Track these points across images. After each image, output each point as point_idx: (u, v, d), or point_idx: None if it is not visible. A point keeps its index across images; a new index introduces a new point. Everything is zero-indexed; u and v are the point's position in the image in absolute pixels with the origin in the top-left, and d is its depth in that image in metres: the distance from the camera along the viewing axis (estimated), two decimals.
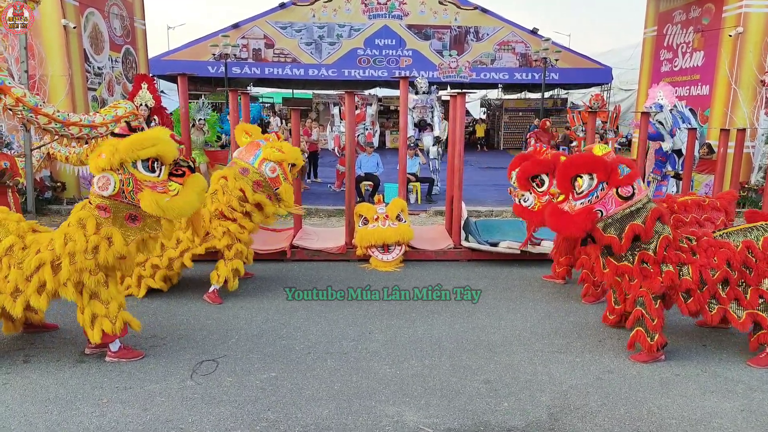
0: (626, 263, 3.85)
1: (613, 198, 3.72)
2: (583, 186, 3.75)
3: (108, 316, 3.64)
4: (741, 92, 10.42)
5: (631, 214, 3.71)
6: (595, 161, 3.78)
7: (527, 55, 19.26)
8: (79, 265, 3.50)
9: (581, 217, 3.74)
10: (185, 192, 3.59)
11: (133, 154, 3.41)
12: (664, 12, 12.89)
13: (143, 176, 3.47)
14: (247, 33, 18.84)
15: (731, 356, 4.10)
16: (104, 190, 3.45)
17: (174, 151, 3.57)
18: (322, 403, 3.37)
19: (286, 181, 5.12)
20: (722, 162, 7.47)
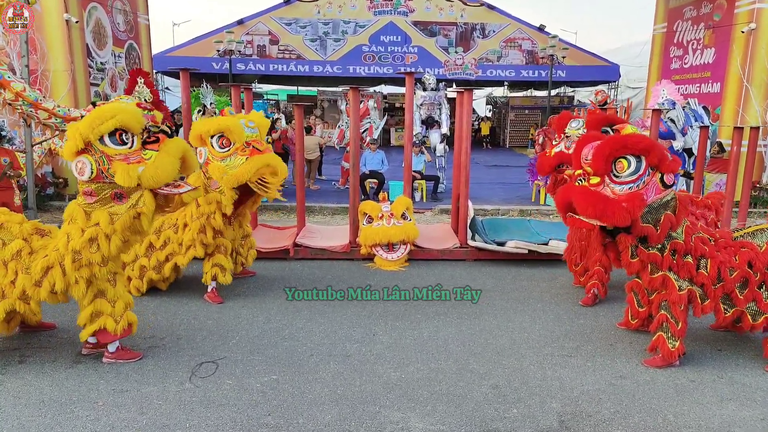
0: (656, 252, 3.62)
1: (655, 185, 3.43)
2: (628, 169, 3.37)
3: (113, 315, 3.57)
4: (753, 90, 10.23)
5: (666, 204, 3.52)
6: (646, 142, 3.37)
7: (534, 53, 19.07)
8: (85, 260, 3.41)
9: (633, 203, 3.31)
10: (160, 157, 3.40)
11: (95, 131, 3.26)
12: (674, 8, 12.68)
13: (113, 150, 3.33)
14: (251, 29, 18.73)
15: (748, 362, 3.95)
16: (82, 174, 3.35)
17: (138, 118, 3.41)
18: (324, 408, 3.25)
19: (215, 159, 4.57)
20: (735, 161, 7.30)
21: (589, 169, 3.43)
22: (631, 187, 3.40)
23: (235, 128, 4.53)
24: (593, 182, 3.43)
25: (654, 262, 3.64)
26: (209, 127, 4.59)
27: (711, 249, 3.68)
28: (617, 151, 3.37)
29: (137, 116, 3.41)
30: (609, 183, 3.43)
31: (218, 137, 4.57)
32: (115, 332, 3.59)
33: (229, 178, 4.52)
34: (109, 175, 3.35)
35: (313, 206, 9.25)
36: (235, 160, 4.53)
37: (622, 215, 3.32)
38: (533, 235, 6.72)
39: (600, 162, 3.38)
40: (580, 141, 3.66)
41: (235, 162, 4.53)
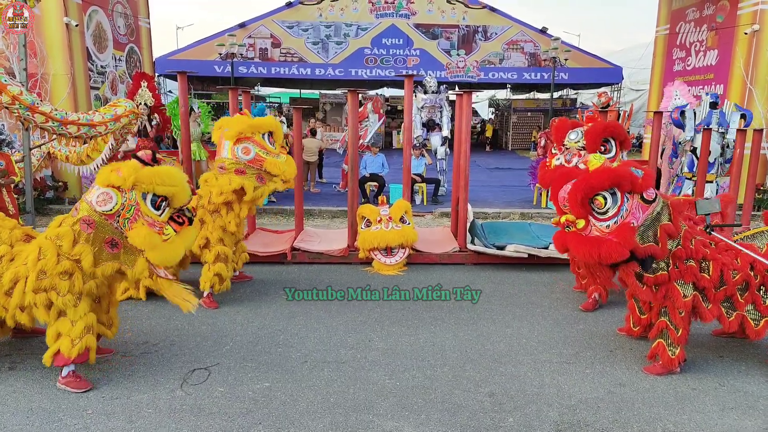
0: (663, 272, 3.58)
1: (639, 205, 3.45)
2: (606, 204, 3.39)
3: (70, 336, 3.31)
4: (756, 91, 10.12)
5: (658, 216, 3.49)
6: (613, 174, 3.40)
7: (536, 55, 18.99)
8: (48, 284, 3.24)
9: (623, 236, 3.35)
10: (175, 241, 3.41)
11: (149, 186, 3.28)
12: (676, 10, 12.59)
13: (147, 210, 3.32)
14: (253, 32, 18.73)
15: (751, 369, 3.87)
16: (101, 205, 3.26)
17: (185, 199, 3.47)
18: (316, 417, 3.19)
19: (270, 155, 4.87)
20: (738, 163, 7.22)
21: (572, 217, 3.44)
22: (616, 220, 3.42)
23: (280, 128, 5.08)
24: (580, 226, 3.48)
25: (660, 282, 3.60)
26: (265, 125, 4.93)
27: (712, 251, 3.62)
28: (588, 193, 3.41)
29: (186, 197, 3.47)
30: (594, 222, 3.46)
31: (269, 135, 4.94)
32: (69, 355, 3.31)
33: (290, 172, 5.00)
34: (123, 223, 3.28)
35: (313, 209, 9.20)
36: (281, 157, 4.98)
37: (619, 251, 3.36)
38: (534, 239, 6.65)
39: (576, 208, 3.45)
40: (555, 182, 3.68)
41: (282, 159, 4.98)
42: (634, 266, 3.50)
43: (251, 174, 4.82)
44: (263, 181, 4.88)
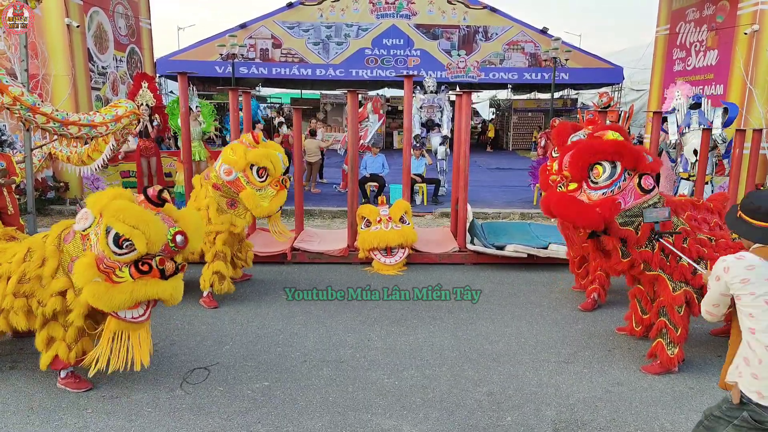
0: (648, 250, 3.59)
1: (633, 190, 3.45)
2: (603, 174, 3.40)
3: (66, 340, 3.29)
4: (756, 92, 10.12)
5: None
6: (621, 147, 3.39)
7: (537, 55, 18.99)
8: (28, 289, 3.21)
9: (606, 207, 3.35)
10: (123, 288, 3.02)
11: (111, 220, 2.98)
12: (677, 10, 12.60)
13: (104, 245, 3.00)
14: (254, 33, 18.76)
15: None
16: (79, 223, 3.15)
17: (151, 246, 3.03)
18: (315, 416, 3.21)
19: (250, 185, 4.73)
20: (737, 163, 7.23)
21: (567, 174, 3.45)
22: (605, 192, 3.43)
23: (278, 164, 4.84)
24: (571, 188, 3.51)
25: (646, 259, 3.60)
26: (259, 160, 4.73)
27: (710, 251, 3.63)
28: (591, 158, 3.42)
29: (153, 243, 3.02)
30: (586, 189, 3.47)
31: (258, 168, 4.76)
32: (68, 360, 3.31)
33: (261, 210, 4.84)
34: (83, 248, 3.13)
35: (313, 209, 9.22)
36: (267, 191, 4.84)
37: (595, 219, 3.38)
38: (533, 239, 6.66)
39: (576, 169, 3.45)
40: (567, 146, 3.68)
41: (267, 193, 4.85)
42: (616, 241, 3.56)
43: (224, 194, 4.84)
44: (234, 207, 4.86)
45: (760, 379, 2.16)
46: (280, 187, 4.93)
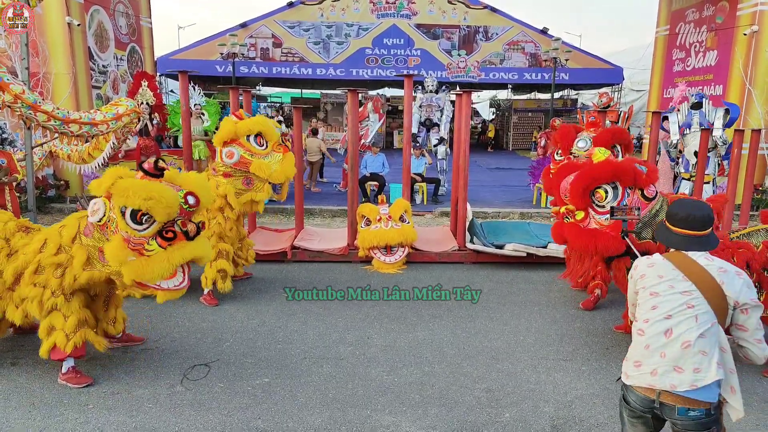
0: None
1: (639, 202, 3.51)
2: (607, 197, 3.43)
3: (65, 330, 3.33)
4: (755, 92, 10.15)
5: (656, 214, 3.54)
6: (616, 168, 3.44)
7: (537, 55, 19.02)
8: (42, 279, 3.27)
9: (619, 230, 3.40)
10: (159, 258, 3.08)
11: (122, 199, 3.03)
12: (676, 10, 12.62)
13: (124, 225, 3.06)
14: (254, 32, 18.79)
15: (744, 366, 3.87)
16: (93, 216, 3.20)
17: (169, 212, 3.09)
18: (315, 412, 3.23)
19: (257, 157, 4.79)
20: (736, 163, 7.25)
21: (572, 207, 3.47)
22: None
23: (270, 127, 4.90)
24: (579, 217, 3.51)
25: None
26: (250, 127, 4.82)
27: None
28: (590, 186, 3.44)
29: (169, 207, 3.08)
30: (594, 215, 3.48)
31: (255, 136, 4.84)
32: (65, 350, 3.33)
33: (278, 174, 4.86)
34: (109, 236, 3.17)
35: (313, 208, 9.24)
36: (274, 156, 4.89)
37: (615, 244, 3.40)
38: (532, 238, 6.69)
39: (577, 199, 3.48)
40: (557, 173, 3.70)
41: (275, 158, 4.89)
42: (627, 261, 3.54)
43: (238, 177, 4.87)
44: (251, 185, 4.87)
45: (627, 359, 2.30)
46: (284, 149, 4.96)
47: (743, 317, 2.19)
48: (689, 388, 2.10)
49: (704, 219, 2.28)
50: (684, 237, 2.27)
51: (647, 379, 2.18)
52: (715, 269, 2.20)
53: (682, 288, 2.18)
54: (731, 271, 2.21)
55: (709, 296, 2.15)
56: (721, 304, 2.15)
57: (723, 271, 2.20)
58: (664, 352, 2.15)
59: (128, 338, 4.04)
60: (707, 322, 2.13)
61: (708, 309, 2.15)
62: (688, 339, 2.11)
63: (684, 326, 2.13)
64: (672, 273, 2.22)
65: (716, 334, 2.15)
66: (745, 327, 2.20)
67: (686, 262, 2.23)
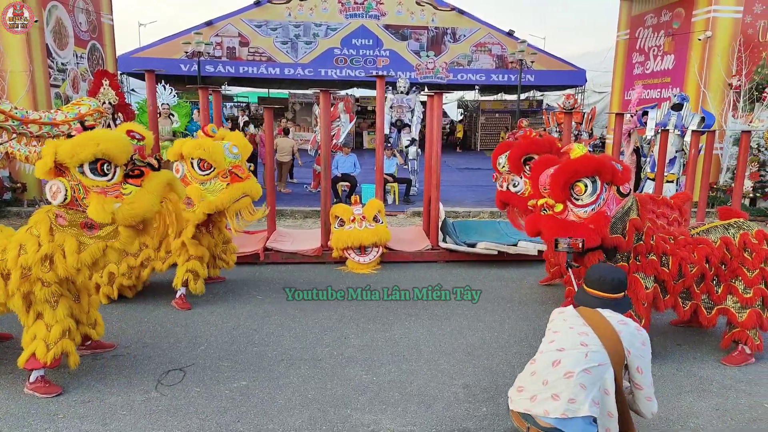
0: (623, 263, 3.76)
1: (614, 197, 3.59)
2: (586, 191, 3.48)
3: (46, 340, 3.24)
4: (710, 95, 10.62)
5: (628, 210, 3.66)
6: (597, 163, 3.49)
7: (503, 57, 19.38)
8: (33, 276, 3.18)
9: (599, 223, 3.44)
10: (140, 194, 3.19)
11: (74, 158, 3.03)
12: (636, 16, 13.08)
13: (91, 181, 3.10)
14: (220, 31, 18.49)
15: (705, 355, 4.10)
16: (55, 198, 3.12)
17: (124, 149, 3.17)
18: (294, 413, 3.23)
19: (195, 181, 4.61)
20: (693, 163, 7.56)
21: (551, 201, 3.53)
22: (594, 208, 3.52)
23: (217, 155, 4.60)
24: (557, 210, 3.55)
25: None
26: (191, 152, 4.62)
27: (672, 247, 3.81)
28: (571, 178, 3.49)
29: (124, 146, 3.18)
30: (572, 208, 3.54)
31: (199, 161, 4.63)
32: (44, 360, 3.23)
33: (206, 204, 4.59)
34: (84, 205, 3.15)
35: (284, 210, 9.17)
36: (215, 184, 4.65)
37: (593, 237, 3.46)
38: (503, 237, 6.82)
39: (557, 191, 3.52)
40: (535, 166, 3.76)
41: (214, 186, 4.65)
42: (600, 255, 3.66)
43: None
44: (191, 205, 4.62)
45: (513, 385, 2.47)
46: (231, 179, 4.65)
47: (639, 376, 2.33)
48: (559, 416, 2.18)
49: (614, 283, 2.42)
50: (595, 298, 2.43)
51: (525, 404, 2.28)
52: (615, 320, 2.34)
53: (580, 330, 2.32)
54: (631, 325, 2.35)
55: (606, 341, 2.26)
56: (616, 348, 2.26)
57: (623, 323, 2.34)
58: (547, 380, 2.24)
59: (98, 345, 3.93)
60: (596, 361, 2.22)
61: (601, 350, 2.25)
62: (572, 370, 2.20)
63: (572, 359, 2.23)
64: (577, 320, 2.38)
65: (602, 375, 2.22)
66: (640, 386, 2.35)
67: (591, 314, 2.39)
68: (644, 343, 2.34)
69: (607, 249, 3.66)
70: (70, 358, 3.36)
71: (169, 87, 10.17)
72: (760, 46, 10.54)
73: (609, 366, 2.23)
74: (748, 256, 3.83)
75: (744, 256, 3.83)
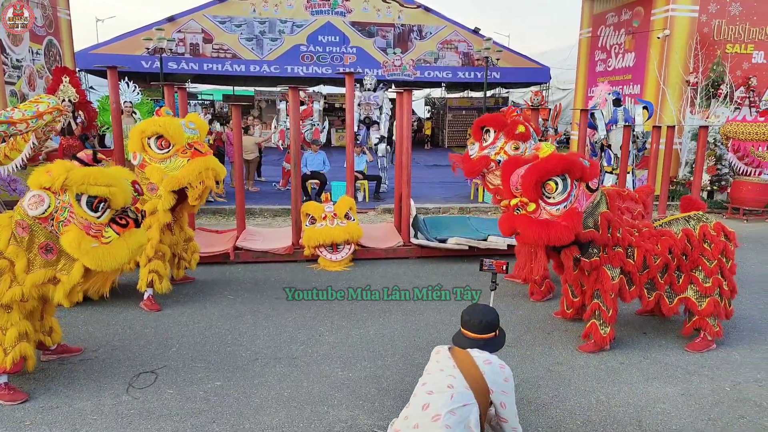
0: (596, 258, 3.87)
1: (584, 193, 3.69)
2: (557, 189, 3.56)
3: (2, 345, 3.13)
4: (669, 91, 11.01)
5: (598, 204, 3.77)
6: (566, 161, 3.58)
7: (470, 55, 19.59)
8: None
9: (572, 220, 3.53)
10: (118, 244, 3.16)
11: (82, 187, 3.04)
12: (597, 14, 13.43)
13: (82, 212, 3.08)
14: (183, 27, 18.07)
15: (670, 343, 4.26)
16: (32, 208, 3.04)
17: (126, 198, 3.22)
18: (271, 412, 3.21)
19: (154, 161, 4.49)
20: (654, 157, 7.84)
21: (525, 200, 3.60)
22: (566, 205, 3.61)
23: (174, 129, 4.47)
24: (530, 209, 3.62)
25: (594, 267, 3.88)
26: (146, 128, 4.48)
27: (637, 239, 3.95)
28: (543, 177, 3.58)
29: (126, 196, 3.22)
30: (544, 206, 3.62)
31: (156, 138, 4.49)
32: (2, 364, 3.14)
33: (169, 181, 4.45)
34: (57, 227, 3.07)
35: (254, 208, 9.06)
36: (175, 161, 4.49)
37: (567, 234, 3.55)
38: (473, 232, 6.92)
39: (529, 190, 3.59)
40: (505, 168, 3.84)
41: (175, 164, 4.49)
42: (575, 251, 3.76)
43: (143, 181, 4.51)
44: (154, 191, 4.53)
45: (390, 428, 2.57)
46: (193, 154, 4.46)
47: (503, 411, 2.45)
48: None
49: (482, 324, 2.50)
50: (467, 338, 2.51)
51: None
52: (481, 360, 2.43)
53: (449, 372, 2.40)
54: (495, 364, 2.44)
55: (471, 381, 2.35)
56: (480, 388, 2.36)
57: (487, 363, 2.43)
58: (418, 423, 2.32)
59: (64, 349, 3.81)
60: (461, 401, 2.31)
61: (466, 390, 2.34)
62: (439, 413, 2.28)
63: (440, 402, 2.31)
64: (448, 362, 2.45)
65: (467, 415, 2.31)
66: (505, 419, 2.46)
67: (461, 355, 2.47)
68: (507, 379, 2.45)
69: (582, 244, 3.76)
70: (28, 362, 3.27)
71: (132, 84, 9.88)
72: (715, 45, 10.99)
73: (474, 404, 2.34)
74: (708, 247, 4.01)
75: (704, 247, 4.01)
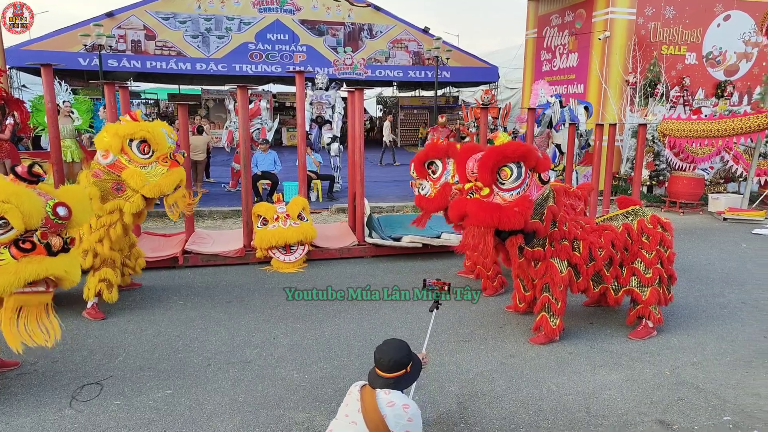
0: (539, 248, 3.98)
1: (536, 184, 3.78)
2: (511, 175, 3.62)
3: None
4: (610, 90, 11.50)
5: (546, 198, 3.88)
6: (524, 148, 3.64)
7: (420, 54, 19.77)
8: None
9: (524, 206, 3.60)
10: (6, 269, 2.88)
11: None
12: (542, 15, 13.86)
13: None
14: (123, 23, 17.33)
15: (615, 332, 4.46)
16: None
17: (28, 220, 2.92)
18: (225, 418, 3.13)
19: (133, 164, 4.41)
20: (598, 154, 8.16)
21: (479, 184, 3.65)
22: (519, 191, 3.69)
23: (160, 137, 4.45)
24: (484, 194, 3.67)
25: (537, 257, 4.00)
26: (134, 131, 4.38)
27: (582, 232, 4.11)
28: (499, 162, 3.64)
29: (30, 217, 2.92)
30: (498, 192, 3.69)
31: (139, 143, 4.41)
32: None
33: (151, 187, 4.43)
34: None
35: (203, 210, 8.81)
36: (156, 168, 4.47)
37: (517, 219, 3.62)
38: (426, 230, 6.98)
39: (485, 174, 3.63)
40: (461, 154, 3.89)
41: (155, 171, 4.47)
42: (520, 239, 3.86)
43: (107, 180, 4.43)
44: (121, 191, 4.43)
45: None
46: (171, 164, 4.51)
47: None
48: None
49: (390, 364, 2.46)
50: (377, 376, 2.48)
51: None
52: (384, 403, 2.40)
53: (352, 418, 2.40)
54: (398, 405, 2.41)
55: (371, 425, 2.35)
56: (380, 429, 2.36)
57: (390, 405, 2.40)
58: None
59: None
60: None
61: None
62: None
63: None
64: (354, 405, 2.43)
65: None
66: None
67: (368, 398, 2.43)
68: (411, 419, 2.41)
69: (527, 233, 3.87)
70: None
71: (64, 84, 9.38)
72: (652, 46, 11.57)
73: None
74: (646, 240, 4.22)
75: (642, 240, 4.22)
